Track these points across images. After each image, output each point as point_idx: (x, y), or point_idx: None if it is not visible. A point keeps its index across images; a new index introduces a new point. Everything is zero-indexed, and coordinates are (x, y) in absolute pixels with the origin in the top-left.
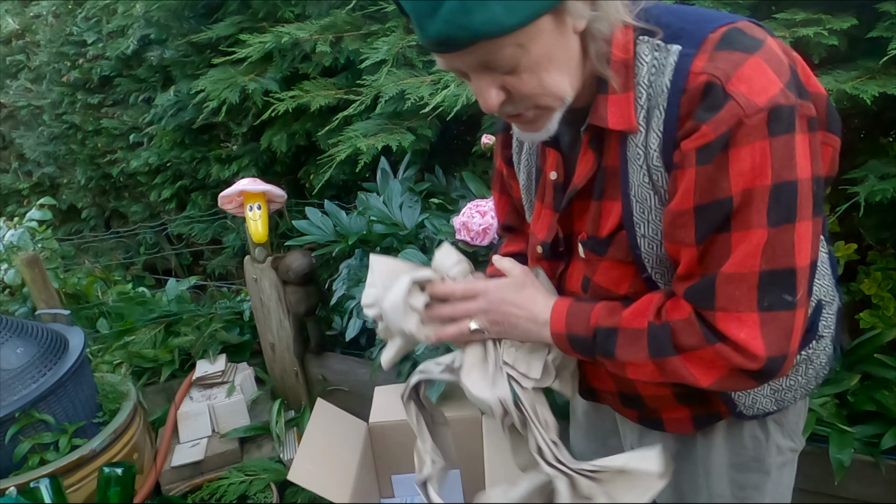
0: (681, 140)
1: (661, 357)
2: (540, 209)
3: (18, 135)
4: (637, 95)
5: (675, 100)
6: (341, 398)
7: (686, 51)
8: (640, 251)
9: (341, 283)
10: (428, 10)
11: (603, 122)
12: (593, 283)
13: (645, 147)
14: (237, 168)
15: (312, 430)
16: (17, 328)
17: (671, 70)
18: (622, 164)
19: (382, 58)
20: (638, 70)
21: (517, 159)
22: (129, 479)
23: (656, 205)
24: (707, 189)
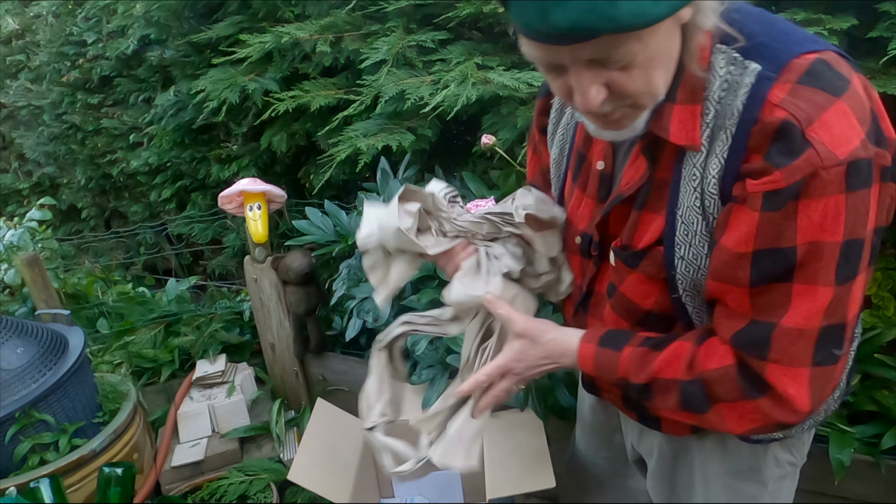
0: (746, 175)
1: (694, 412)
2: (581, 197)
3: (18, 135)
4: (704, 111)
5: (745, 128)
6: (341, 398)
7: (765, 73)
8: (676, 272)
9: (341, 283)
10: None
11: (664, 133)
12: (619, 292)
13: (703, 169)
14: (237, 168)
15: (312, 430)
16: (17, 328)
17: (745, 93)
18: (674, 181)
19: (382, 58)
20: (710, 83)
21: (552, 130)
22: (129, 479)
23: (702, 230)
24: (770, 235)
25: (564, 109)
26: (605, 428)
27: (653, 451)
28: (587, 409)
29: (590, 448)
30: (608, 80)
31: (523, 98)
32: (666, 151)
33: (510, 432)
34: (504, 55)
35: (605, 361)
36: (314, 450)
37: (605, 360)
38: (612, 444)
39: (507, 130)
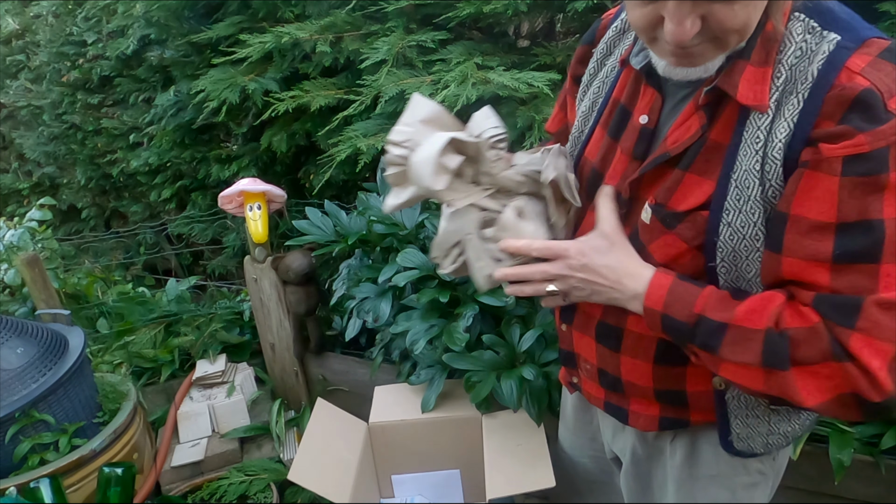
0: (819, 140)
1: (773, 368)
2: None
3: (18, 135)
4: (775, 74)
5: (819, 92)
6: (341, 398)
7: (845, 43)
8: (718, 239)
9: (341, 283)
10: None
11: (732, 90)
12: (647, 251)
13: (768, 133)
14: (237, 168)
15: (312, 430)
16: (17, 328)
17: (822, 59)
18: (733, 143)
19: (382, 58)
20: (784, 47)
21: (587, 81)
22: (129, 479)
23: (756, 196)
24: (855, 205)
25: (604, 62)
26: (588, 428)
27: (626, 451)
28: (570, 409)
29: (574, 448)
30: (707, 12)
31: (523, 98)
32: (726, 112)
33: (510, 432)
34: (504, 55)
35: (683, 292)
36: (314, 450)
37: (682, 290)
38: (596, 444)
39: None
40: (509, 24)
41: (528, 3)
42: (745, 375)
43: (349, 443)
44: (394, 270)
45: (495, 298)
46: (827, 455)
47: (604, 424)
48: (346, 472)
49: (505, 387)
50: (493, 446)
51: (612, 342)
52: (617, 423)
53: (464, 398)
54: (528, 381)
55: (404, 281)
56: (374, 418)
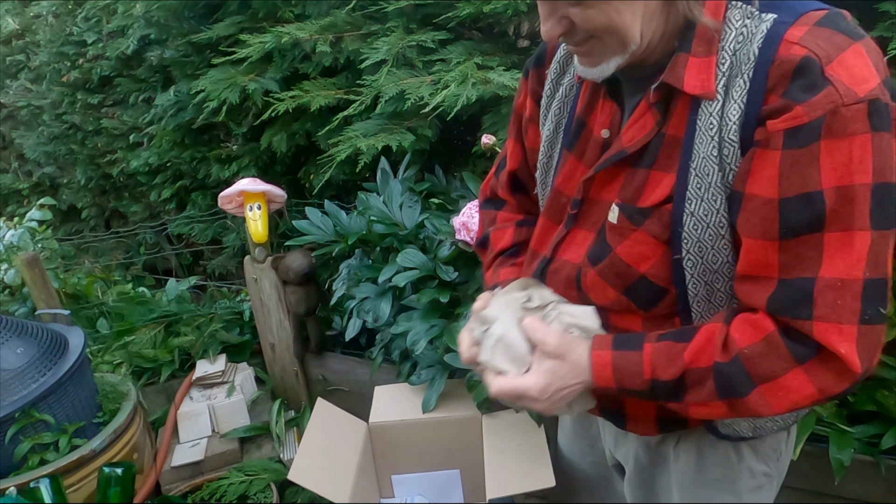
0: (766, 117)
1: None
2: (575, 167)
3: (18, 135)
4: (719, 61)
5: (762, 69)
6: (341, 398)
7: (782, 19)
8: (682, 230)
9: (341, 283)
10: None
11: (678, 83)
12: (614, 254)
13: (721, 117)
14: (237, 168)
15: (312, 430)
16: (17, 328)
17: (761, 37)
18: (688, 134)
19: (382, 58)
20: (724, 34)
21: (546, 103)
22: (129, 479)
23: (717, 182)
24: (794, 179)
25: (560, 82)
26: (587, 434)
27: (629, 458)
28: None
29: (573, 453)
30: (565, 14)
31: None
32: (679, 106)
33: (510, 432)
34: (504, 55)
35: (626, 365)
36: (314, 450)
37: (625, 363)
38: (596, 450)
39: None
40: (509, 24)
41: (528, 2)
42: (712, 411)
43: (349, 443)
44: (394, 270)
45: None
46: (827, 455)
47: (605, 431)
48: (346, 472)
49: None
50: (493, 446)
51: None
52: (618, 430)
53: (464, 398)
54: None
55: (404, 281)
56: (374, 418)
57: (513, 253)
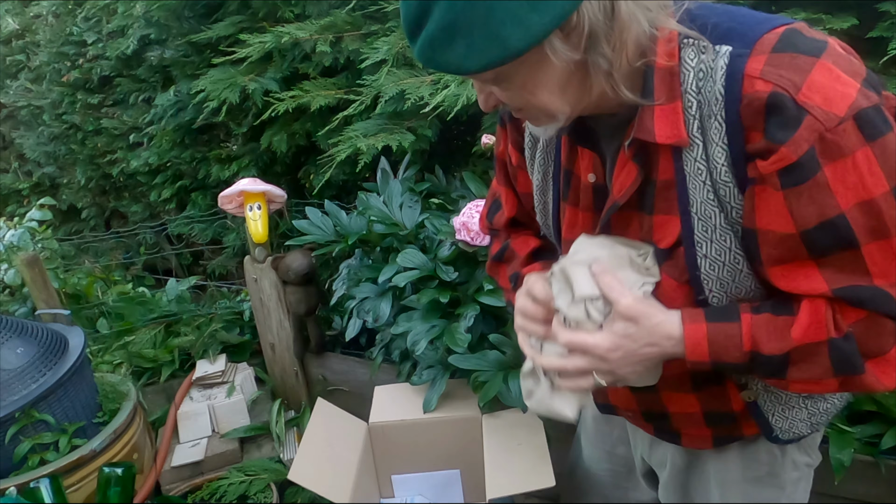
0: (754, 156)
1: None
2: (575, 214)
3: (18, 135)
4: (686, 105)
5: (733, 108)
6: (341, 398)
7: (738, 51)
8: (700, 272)
9: (341, 283)
10: (409, 35)
11: (650, 137)
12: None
13: (707, 161)
14: (237, 168)
15: (312, 430)
16: (17, 328)
17: (722, 74)
18: (679, 180)
19: (382, 58)
20: (683, 76)
21: (530, 154)
22: (129, 479)
23: (721, 223)
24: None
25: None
26: (607, 439)
27: (665, 462)
28: (590, 419)
29: (592, 459)
30: (490, 92)
31: None
32: (661, 153)
33: (510, 432)
34: None
35: (723, 337)
36: (314, 450)
37: (721, 335)
38: (615, 456)
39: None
40: None
41: None
42: (819, 386)
43: (349, 443)
44: (394, 270)
45: (496, 299)
46: (827, 455)
47: (637, 438)
48: (346, 472)
49: (513, 387)
50: (493, 446)
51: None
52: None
53: (464, 398)
54: None
55: (404, 281)
56: (374, 418)
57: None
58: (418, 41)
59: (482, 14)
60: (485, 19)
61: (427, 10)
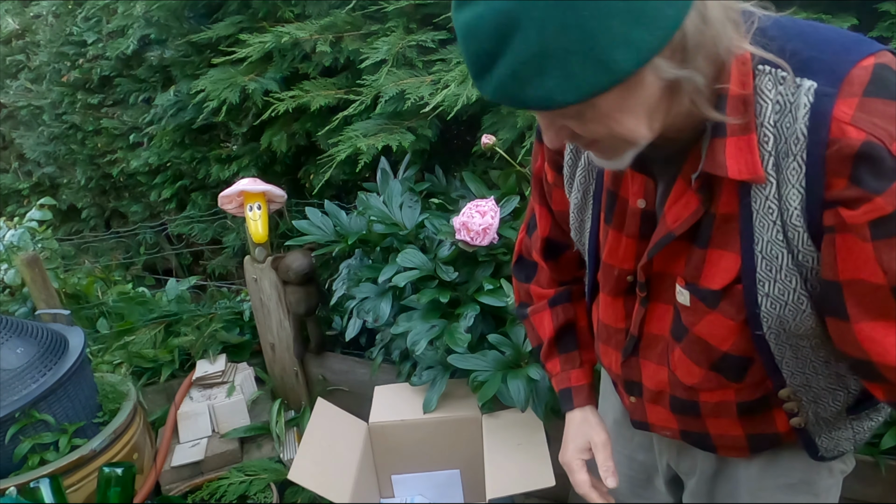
0: (835, 204)
1: None
2: (618, 239)
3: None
4: (762, 139)
5: (817, 151)
6: (341, 398)
7: (823, 89)
8: (760, 310)
9: (341, 283)
10: (479, 71)
11: (721, 171)
12: (692, 334)
13: (779, 201)
14: (237, 168)
15: (312, 429)
16: (17, 328)
17: (806, 113)
18: (744, 216)
19: (382, 58)
20: (760, 108)
21: (569, 172)
22: (129, 479)
23: (788, 264)
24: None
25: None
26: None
27: (694, 469)
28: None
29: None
30: (563, 125)
31: None
32: (725, 185)
33: (510, 432)
34: None
35: None
36: (314, 450)
37: None
38: (634, 462)
39: (507, 130)
40: None
41: None
42: None
43: (349, 443)
44: (394, 270)
45: (496, 298)
46: None
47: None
48: (346, 472)
49: (512, 387)
50: (493, 446)
51: (691, 411)
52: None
53: (464, 398)
54: (534, 381)
55: (404, 281)
56: (374, 418)
57: (567, 346)
58: (493, 77)
59: (580, 36)
60: (584, 42)
61: (505, 39)
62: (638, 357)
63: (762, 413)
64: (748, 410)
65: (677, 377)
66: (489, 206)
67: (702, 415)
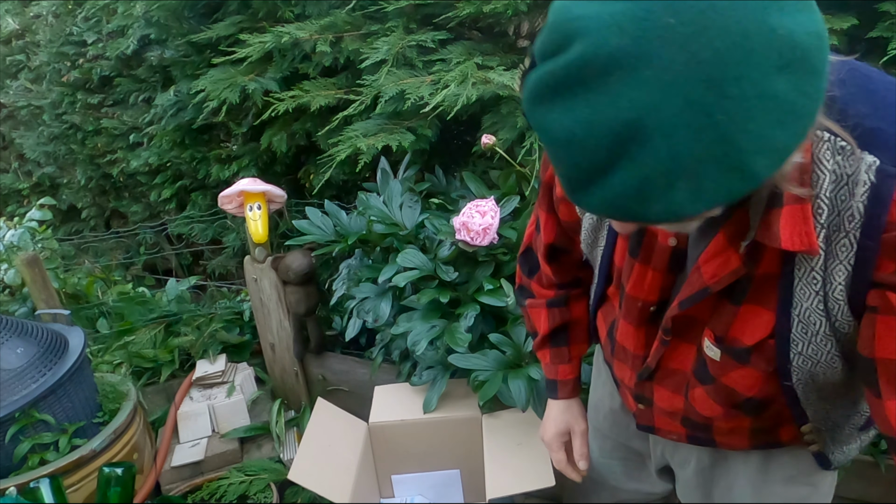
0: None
1: None
2: (644, 272)
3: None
4: (816, 211)
5: (873, 234)
6: (341, 398)
7: (885, 167)
8: (792, 366)
9: (341, 283)
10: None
11: (776, 242)
12: (720, 382)
13: (824, 273)
14: (237, 168)
15: (312, 429)
16: (17, 328)
17: (865, 193)
18: (785, 278)
19: (382, 58)
20: (816, 178)
21: None
22: (129, 479)
23: (825, 330)
24: None
25: None
26: (624, 432)
27: (690, 460)
28: (602, 416)
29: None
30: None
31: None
32: (769, 250)
33: (510, 432)
34: (504, 55)
35: None
36: (314, 450)
37: None
38: (630, 450)
39: (507, 130)
40: (509, 24)
41: (528, 3)
42: None
43: (349, 443)
44: (394, 270)
45: (496, 298)
46: None
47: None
48: (346, 472)
49: (513, 387)
50: (493, 446)
51: (703, 430)
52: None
53: (464, 398)
54: (535, 380)
55: (404, 281)
56: (374, 418)
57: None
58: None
59: (716, 147)
60: (721, 153)
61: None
62: (653, 383)
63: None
64: (760, 431)
65: (694, 408)
66: (489, 206)
67: (713, 432)
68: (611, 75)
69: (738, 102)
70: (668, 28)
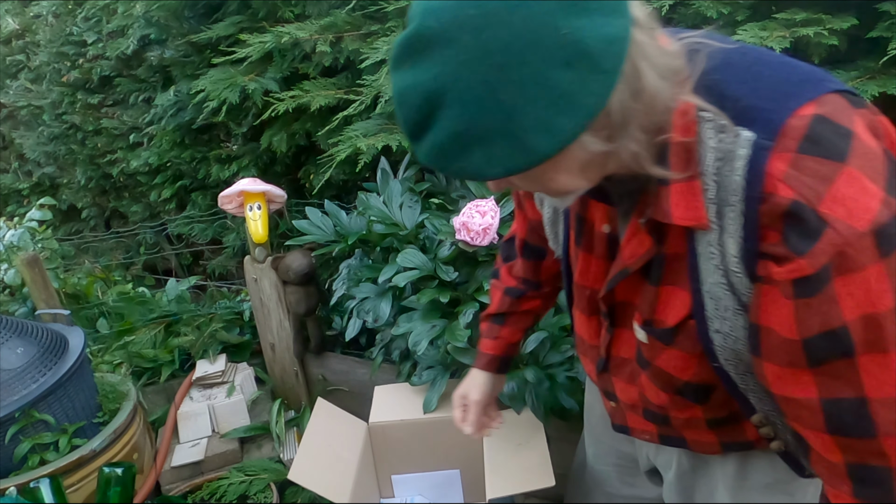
0: (767, 256)
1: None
2: (588, 260)
3: (18, 135)
4: (704, 187)
5: (752, 205)
6: (341, 398)
7: (760, 141)
8: (714, 345)
9: (341, 283)
10: (411, 138)
11: (667, 218)
12: (654, 366)
13: (721, 247)
14: (237, 168)
15: (312, 429)
16: (17, 328)
17: (743, 165)
18: (691, 257)
19: (382, 58)
20: (702, 156)
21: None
22: (129, 479)
23: (735, 306)
24: (813, 321)
25: None
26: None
27: (671, 463)
28: (596, 418)
29: (598, 455)
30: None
31: None
32: (672, 227)
33: (510, 432)
34: None
35: None
36: (314, 450)
37: None
38: (621, 453)
39: None
40: None
41: None
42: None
43: (349, 443)
44: (394, 270)
45: None
46: None
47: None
48: (346, 472)
49: (507, 387)
50: (493, 446)
51: (664, 422)
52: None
53: None
54: (534, 381)
55: (404, 281)
56: (374, 418)
57: (497, 321)
58: (423, 146)
59: (501, 121)
60: (504, 127)
61: (432, 114)
62: (610, 374)
63: (732, 425)
64: (718, 424)
65: (647, 397)
66: (489, 206)
67: (674, 426)
68: (427, 50)
69: (518, 86)
70: (469, 18)
